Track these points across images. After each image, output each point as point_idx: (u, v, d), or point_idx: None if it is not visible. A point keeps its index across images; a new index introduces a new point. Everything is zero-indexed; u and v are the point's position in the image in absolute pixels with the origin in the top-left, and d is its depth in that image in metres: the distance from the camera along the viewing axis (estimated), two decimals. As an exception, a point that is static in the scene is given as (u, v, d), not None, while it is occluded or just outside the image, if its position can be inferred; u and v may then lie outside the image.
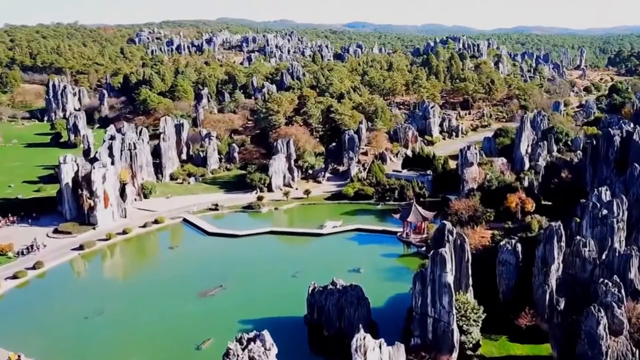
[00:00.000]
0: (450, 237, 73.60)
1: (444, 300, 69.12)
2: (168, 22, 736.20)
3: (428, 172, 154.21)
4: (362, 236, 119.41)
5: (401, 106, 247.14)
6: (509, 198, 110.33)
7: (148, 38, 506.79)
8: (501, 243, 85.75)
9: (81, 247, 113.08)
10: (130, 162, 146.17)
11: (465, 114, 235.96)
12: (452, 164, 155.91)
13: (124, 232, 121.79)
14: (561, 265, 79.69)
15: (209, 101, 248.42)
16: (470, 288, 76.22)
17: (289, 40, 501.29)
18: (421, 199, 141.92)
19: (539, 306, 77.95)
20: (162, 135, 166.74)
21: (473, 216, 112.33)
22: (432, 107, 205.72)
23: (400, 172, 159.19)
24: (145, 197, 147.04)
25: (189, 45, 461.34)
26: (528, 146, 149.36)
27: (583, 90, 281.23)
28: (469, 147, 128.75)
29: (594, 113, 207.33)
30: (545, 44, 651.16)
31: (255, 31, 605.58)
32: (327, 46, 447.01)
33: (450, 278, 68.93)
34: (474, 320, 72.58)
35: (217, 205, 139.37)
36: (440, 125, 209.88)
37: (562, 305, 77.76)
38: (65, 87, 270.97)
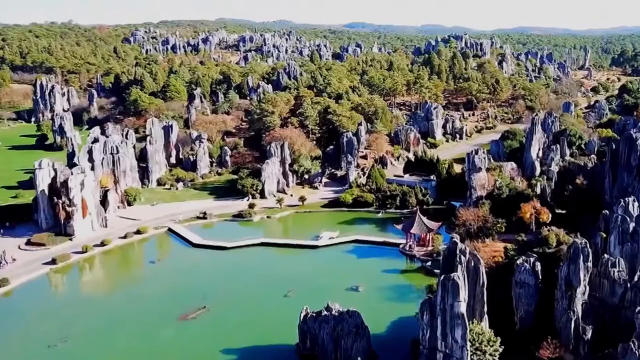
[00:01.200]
0: (462, 257, 63.89)
1: (457, 333, 59.49)
2: (166, 22, 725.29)
3: (432, 177, 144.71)
4: (361, 248, 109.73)
5: (402, 107, 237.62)
6: (522, 208, 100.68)
7: (143, 37, 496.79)
8: (518, 261, 75.96)
9: (54, 261, 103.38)
10: (113, 167, 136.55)
11: (469, 115, 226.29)
12: (457, 169, 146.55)
13: (102, 244, 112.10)
14: (587, 287, 70.15)
15: (202, 102, 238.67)
16: (486, 316, 66.46)
17: (287, 40, 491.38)
18: (424, 207, 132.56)
19: (563, 335, 68.29)
20: (148, 138, 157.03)
21: (483, 227, 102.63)
22: (435, 108, 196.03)
23: (402, 177, 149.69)
24: (129, 204, 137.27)
25: (184, 44, 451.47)
26: (539, 150, 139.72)
27: (590, 90, 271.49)
28: (476, 151, 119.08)
29: (606, 114, 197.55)
30: (546, 44, 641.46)
31: (253, 31, 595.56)
32: (325, 46, 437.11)
33: (463, 307, 59.36)
34: (490, 355, 62.94)
35: (205, 213, 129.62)
36: (444, 127, 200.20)
37: (589, 335, 68.21)
38: (53, 87, 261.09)
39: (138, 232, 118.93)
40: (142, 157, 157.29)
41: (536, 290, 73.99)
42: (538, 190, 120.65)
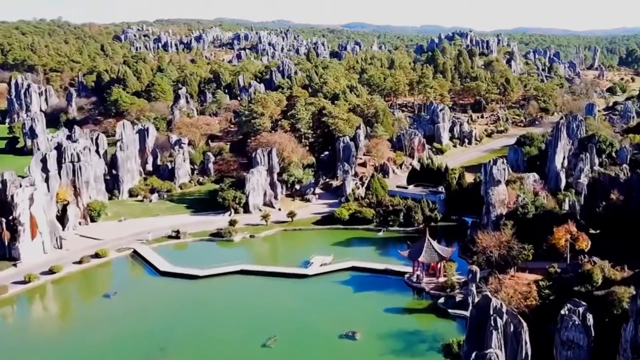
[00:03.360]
0: (498, 321, 45.98)
1: None
2: (162, 20, 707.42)
3: (440, 188, 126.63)
4: (359, 278, 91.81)
5: (404, 108, 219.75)
6: (556, 233, 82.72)
7: (135, 35, 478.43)
8: (563, 312, 58.09)
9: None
10: (74, 177, 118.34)
11: (478, 118, 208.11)
12: (468, 178, 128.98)
13: (51, 272, 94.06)
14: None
15: (188, 102, 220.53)
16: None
17: (283, 39, 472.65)
18: (432, 223, 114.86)
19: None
20: (118, 143, 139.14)
21: (506, 256, 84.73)
22: (441, 110, 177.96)
23: (406, 188, 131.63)
24: (93, 220, 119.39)
25: (177, 42, 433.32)
26: (564, 159, 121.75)
27: (606, 91, 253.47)
28: (495, 161, 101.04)
29: (633, 117, 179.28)
30: (549, 44, 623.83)
31: (249, 29, 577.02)
32: (323, 44, 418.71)
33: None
34: None
35: (178, 232, 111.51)
36: (451, 130, 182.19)
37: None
38: (29, 85, 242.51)
39: (97, 255, 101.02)
40: (113, 164, 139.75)
41: (588, 352, 56.20)
42: (566, 207, 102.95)
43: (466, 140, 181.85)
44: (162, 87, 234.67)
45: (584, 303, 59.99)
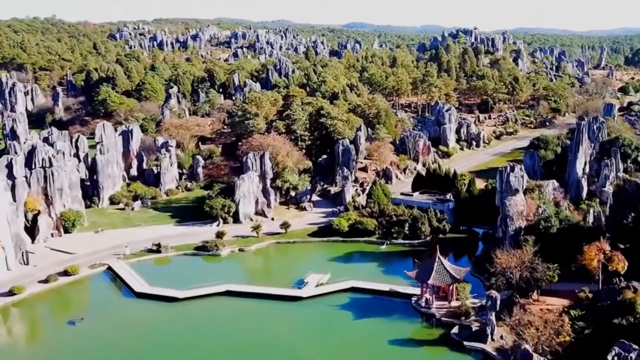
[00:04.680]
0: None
1: None
2: (160, 20, 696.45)
3: (448, 196, 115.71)
4: (359, 301, 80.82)
5: (406, 109, 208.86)
6: (586, 252, 71.63)
7: (131, 34, 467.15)
8: (610, 357, 47.16)
9: None
10: (45, 184, 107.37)
11: (485, 119, 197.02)
12: (478, 185, 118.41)
13: (11, 293, 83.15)
14: None
15: (179, 102, 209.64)
16: None
17: (282, 37, 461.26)
18: (440, 235, 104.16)
19: None
20: (98, 146, 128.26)
21: (530, 278, 73.80)
22: (447, 110, 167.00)
23: (411, 195, 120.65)
24: (67, 231, 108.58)
25: (172, 41, 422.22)
26: (585, 164, 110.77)
27: (618, 91, 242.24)
28: (512, 168, 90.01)
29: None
30: (552, 43, 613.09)
31: (247, 28, 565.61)
32: (322, 42, 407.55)
33: None
34: None
35: (159, 245, 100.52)
36: (457, 132, 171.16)
37: None
38: (14, 84, 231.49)
39: (66, 273, 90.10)
40: (93, 168, 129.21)
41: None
42: (590, 219, 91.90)
43: (474, 143, 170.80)
44: (153, 86, 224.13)
45: (635, 346, 49.08)
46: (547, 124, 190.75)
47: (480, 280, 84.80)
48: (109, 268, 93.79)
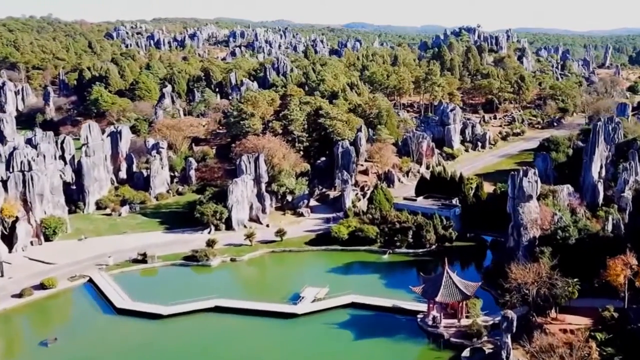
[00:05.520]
0: None
1: None
2: (159, 19, 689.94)
3: (454, 201, 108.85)
4: (360, 319, 73.98)
5: (409, 109, 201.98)
6: (611, 266, 64.79)
7: (127, 33, 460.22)
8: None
9: None
10: (24, 188, 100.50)
11: (490, 119, 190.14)
12: (486, 188, 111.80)
13: (-19, 309, 76.34)
14: None
15: (173, 102, 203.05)
16: None
17: (281, 36, 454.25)
18: (447, 244, 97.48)
19: None
20: (84, 148, 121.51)
21: (548, 295, 66.92)
22: (451, 110, 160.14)
23: (415, 200, 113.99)
24: (47, 239, 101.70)
25: (170, 40, 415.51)
26: (601, 167, 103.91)
27: (627, 90, 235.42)
28: (525, 172, 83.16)
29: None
30: (554, 43, 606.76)
31: (246, 27, 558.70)
32: (322, 41, 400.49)
33: None
34: None
35: (145, 255, 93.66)
36: (462, 133, 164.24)
37: None
38: (4, 84, 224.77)
39: (42, 286, 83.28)
40: (79, 172, 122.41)
41: None
42: (609, 227, 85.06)
43: (479, 144, 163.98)
44: (147, 86, 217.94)
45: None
46: (555, 124, 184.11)
47: (492, 295, 78.01)
48: (90, 280, 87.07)
